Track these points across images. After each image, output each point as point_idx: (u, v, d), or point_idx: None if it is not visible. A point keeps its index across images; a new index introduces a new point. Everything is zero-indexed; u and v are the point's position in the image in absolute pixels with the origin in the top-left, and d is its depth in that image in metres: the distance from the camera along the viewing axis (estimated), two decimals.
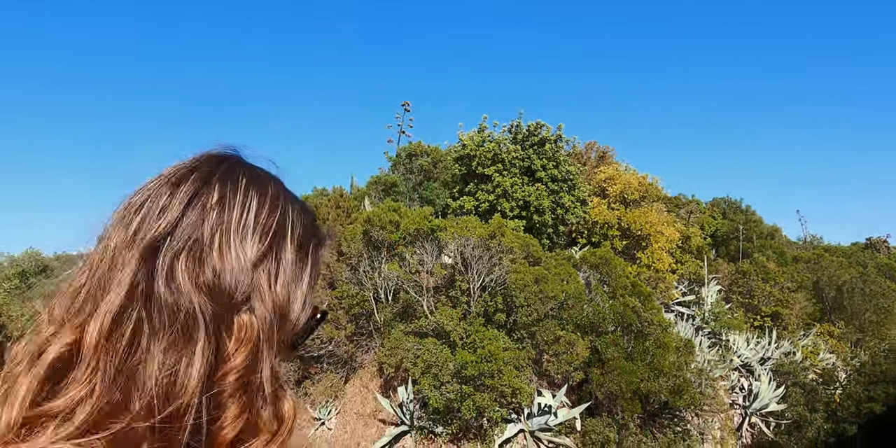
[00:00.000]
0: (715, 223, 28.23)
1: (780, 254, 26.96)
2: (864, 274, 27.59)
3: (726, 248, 27.58)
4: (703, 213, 27.74)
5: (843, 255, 29.79)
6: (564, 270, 14.85)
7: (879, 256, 34.24)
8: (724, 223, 28.53)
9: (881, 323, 25.81)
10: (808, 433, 18.02)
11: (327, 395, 15.37)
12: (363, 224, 15.53)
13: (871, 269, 29.57)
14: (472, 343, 12.75)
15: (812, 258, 27.42)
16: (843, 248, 33.83)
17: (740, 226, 27.29)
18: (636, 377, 13.32)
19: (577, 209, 21.01)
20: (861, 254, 32.81)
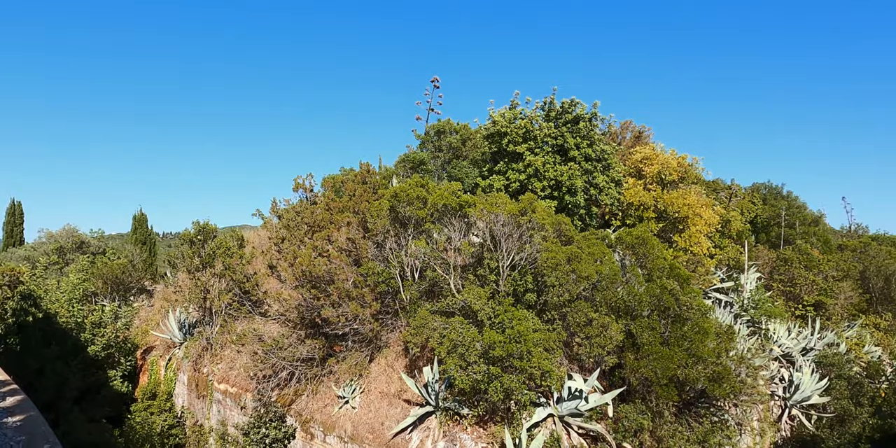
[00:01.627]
0: (755, 209, 26.93)
1: (824, 241, 25.59)
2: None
3: (766, 234, 26.30)
4: (742, 198, 26.44)
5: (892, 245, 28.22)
6: (598, 250, 14.05)
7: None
8: (765, 209, 27.22)
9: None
10: (852, 428, 17.00)
11: (352, 373, 14.98)
12: (390, 200, 14.94)
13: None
14: (500, 323, 12.11)
15: (859, 247, 25.99)
16: (892, 238, 32.08)
17: (782, 211, 25.95)
18: (673, 363, 12.53)
19: (611, 190, 20.10)
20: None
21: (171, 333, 20.56)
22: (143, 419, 17.36)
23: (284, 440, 15.20)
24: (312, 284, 15.08)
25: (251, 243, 21.15)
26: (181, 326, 20.53)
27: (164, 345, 21.36)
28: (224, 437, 16.77)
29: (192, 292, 20.11)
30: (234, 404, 17.25)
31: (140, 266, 26.81)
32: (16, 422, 7.09)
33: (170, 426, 17.80)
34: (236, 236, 21.48)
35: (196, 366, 19.21)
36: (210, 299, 19.15)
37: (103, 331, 20.84)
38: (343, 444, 13.96)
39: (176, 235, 58.29)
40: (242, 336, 16.29)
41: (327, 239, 15.79)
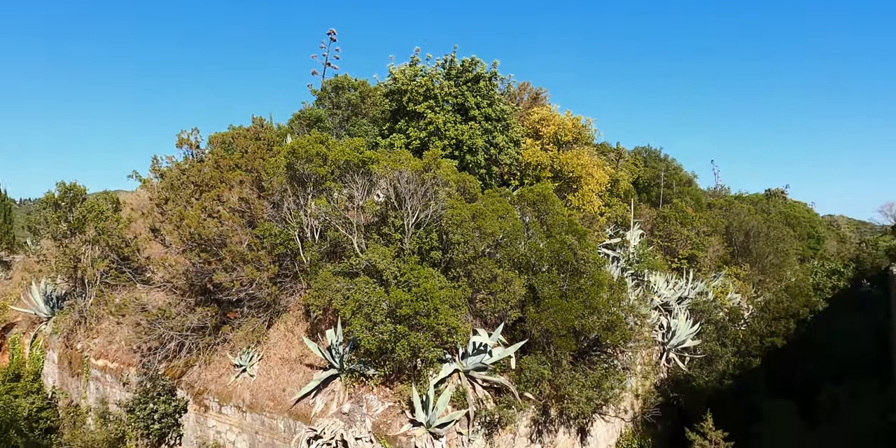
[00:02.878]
0: (637, 171, 28.48)
1: (696, 200, 27.72)
2: (769, 220, 29.00)
3: (647, 194, 27.98)
4: (627, 161, 27.83)
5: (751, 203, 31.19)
6: (502, 207, 14.05)
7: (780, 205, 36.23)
8: (646, 170, 28.88)
9: (780, 265, 27.35)
10: (718, 366, 18.79)
11: (249, 340, 14.11)
12: (287, 156, 13.92)
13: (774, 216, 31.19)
14: (406, 282, 11.79)
15: (724, 205, 28.45)
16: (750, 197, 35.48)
17: (661, 173, 27.66)
18: (571, 314, 12.94)
19: (510, 149, 20.20)
20: (766, 202, 34.55)
21: (36, 308, 18.30)
22: (6, 403, 15.42)
23: (175, 414, 14.18)
24: (202, 248, 13.86)
25: (129, 205, 19.11)
26: (48, 300, 18.32)
27: (27, 321, 19.02)
28: (105, 417, 15.33)
29: (59, 261, 17.90)
30: (115, 381, 15.78)
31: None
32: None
33: (39, 409, 15.99)
34: (110, 199, 19.32)
35: (68, 342, 17.30)
36: (82, 268, 17.16)
37: None
38: (241, 413, 13.22)
39: (37, 201, 51.87)
40: (123, 306, 14.76)
41: (217, 199, 14.51)
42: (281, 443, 12.49)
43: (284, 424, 12.47)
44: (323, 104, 22.51)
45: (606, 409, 13.84)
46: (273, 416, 12.65)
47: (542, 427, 13.10)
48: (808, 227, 36.48)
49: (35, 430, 15.09)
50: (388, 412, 11.52)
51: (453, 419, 11.20)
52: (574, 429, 14.07)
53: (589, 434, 14.63)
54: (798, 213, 36.02)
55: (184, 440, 14.41)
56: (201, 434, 13.98)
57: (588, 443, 14.59)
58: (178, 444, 14.49)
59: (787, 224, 31.95)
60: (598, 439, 15.13)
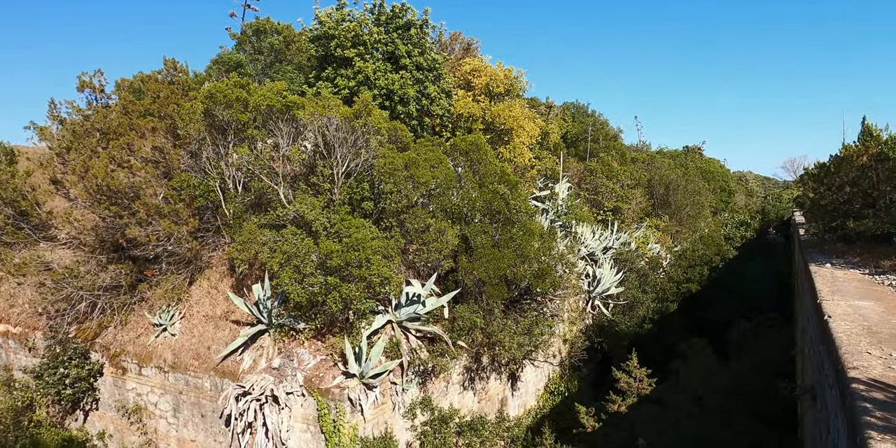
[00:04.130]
0: (566, 125, 28.65)
1: (621, 154, 28.31)
2: (687, 174, 30.17)
3: (576, 148, 28.31)
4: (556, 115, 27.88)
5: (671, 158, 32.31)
6: (435, 156, 13.64)
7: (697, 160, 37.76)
8: (574, 125, 29.11)
9: (696, 217, 28.68)
10: (639, 312, 19.65)
11: (169, 298, 13.27)
12: (204, 102, 12.79)
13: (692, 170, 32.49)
14: (336, 233, 11.28)
15: (647, 159, 29.26)
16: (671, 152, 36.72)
17: (589, 127, 27.95)
18: (503, 263, 12.93)
19: (442, 100, 19.63)
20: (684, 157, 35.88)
21: None
22: None
23: (90, 378, 13.28)
24: (112, 201, 12.69)
25: (25, 156, 17.26)
26: None
27: None
28: (10, 384, 14.17)
29: None
30: (19, 346, 14.55)
31: None
32: None
33: None
34: (3, 150, 17.36)
35: None
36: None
37: None
38: (163, 374, 12.53)
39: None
40: (23, 266, 13.43)
41: (127, 148, 13.24)
42: (207, 401, 11.98)
43: (211, 383, 11.92)
44: (243, 49, 20.89)
45: (536, 355, 14.15)
46: (198, 375, 12.06)
47: (475, 374, 13.25)
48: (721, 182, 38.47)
49: None
50: (320, 365, 11.21)
51: (387, 369, 11.04)
52: (505, 375, 14.35)
53: (519, 379, 15.00)
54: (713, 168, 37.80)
55: (101, 404, 13.58)
56: (120, 397, 13.21)
57: (518, 388, 14.97)
58: (95, 408, 13.65)
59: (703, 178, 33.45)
60: (527, 384, 15.57)
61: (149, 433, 12.91)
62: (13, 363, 14.70)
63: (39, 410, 14.01)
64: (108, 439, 12.52)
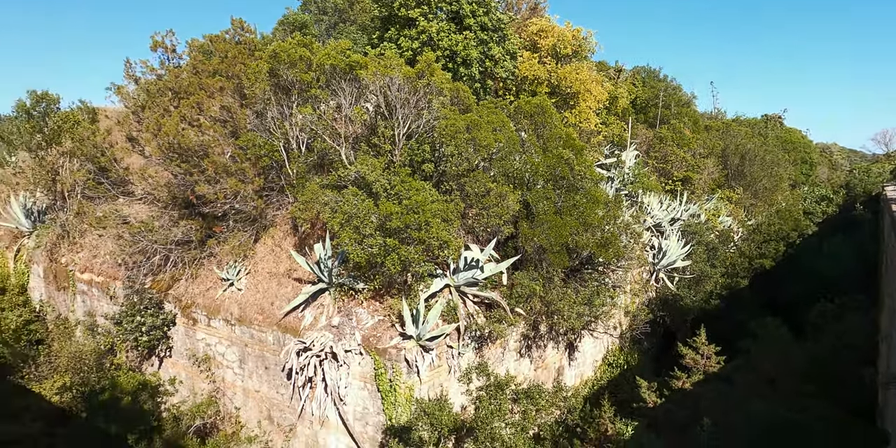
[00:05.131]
0: (635, 90, 27.13)
1: (694, 121, 26.66)
2: (765, 144, 28.17)
3: (645, 115, 26.85)
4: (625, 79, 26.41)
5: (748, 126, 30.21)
6: (497, 119, 13.12)
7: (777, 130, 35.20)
8: (644, 90, 27.54)
9: (773, 189, 26.86)
10: (706, 286, 18.69)
11: (236, 255, 13.57)
12: (269, 61, 12.71)
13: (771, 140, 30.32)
14: (396, 194, 11.08)
15: (722, 127, 27.45)
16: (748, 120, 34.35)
17: (660, 92, 26.37)
18: (565, 231, 12.42)
19: (506, 62, 18.88)
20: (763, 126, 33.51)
21: (17, 222, 17.58)
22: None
23: (163, 327, 13.90)
24: (182, 158, 12.95)
25: (104, 115, 17.90)
26: (28, 213, 17.57)
27: (9, 235, 18.35)
28: (93, 329, 15.07)
29: (36, 174, 17.00)
30: (101, 294, 15.40)
31: None
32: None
33: (26, 321, 15.68)
34: (86, 109, 18.06)
35: (52, 256, 16.75)
36: (61, 181, 16.28)
37: None
38: (230, 326, 12.94)
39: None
40: (103, 219, 14.06)
41: (197, 107, 13.41)
42: (270, 355, 12.30)
43: (274, 337, 12.21)
44: (308, 9, 20.67)
45: (595, 326, 13.71)
46: (262, 329, 12.37)
47: (532, 342, 12.98)
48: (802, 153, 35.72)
49: (21, 341, 14.84)
50: (377, 326, 11.22)
51: (444, 333, 10.93)
52: (563, 344, 14.02)
53: (577, 349, 14.63)
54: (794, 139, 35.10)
55: (174, 352, 14.25)
56: (191, 346, 13.79)
57: (576, 357, 14.62)
58: (168, 355, 14.35)
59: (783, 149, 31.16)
60: (585, 354, 15.18)
61: (217, 381, 13.47)
62: (96, 310, 15.61)
63: (120, 355, 14.87)
64: (179, 385, 13.13)
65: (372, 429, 10.97)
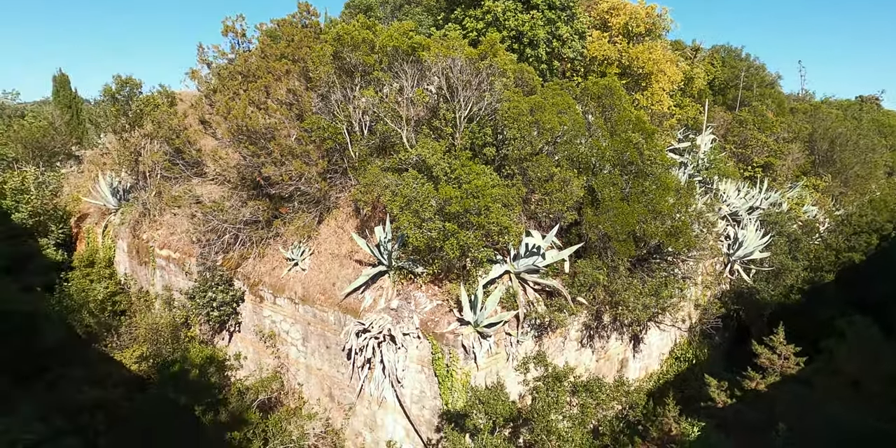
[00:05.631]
0: (714, 70, 25.42)
1: (778, 103, 24.72)
2: (859, 128, 25.81)
3: (723, 96, 25.15)
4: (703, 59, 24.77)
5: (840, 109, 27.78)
6: (563, 101, 12.53)
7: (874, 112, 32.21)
8: (724, 71, 25.75)
9: (866, 177, 24.63)
10: (786, 280, 17.39)
11: (300, 235, 13.79)
12: (333, 44, 12.65)
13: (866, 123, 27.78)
14: (456, 178, 10.81)
15: (809, 110, 25.34)
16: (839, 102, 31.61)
17: (741, 73, 24.58)
18: (632, 218, 11.78)
19: (574, 42, 18.05)
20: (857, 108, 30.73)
21: (105, 200, 18.64)
22: (83, 287, 16.08)
23: (233, 303, 14.37)
24: (251, 141, 13.20)
25: (181, 100, 18.56)
26: (114, 192, 18.57)
27: (98, 212, 19.50)
28: (170, 303, 15.82)
29: (121, 155, 17.92)
30: (178, 270, 16.10)
31: (63, 129, 23.77)
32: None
33: (112, 293, 16.65)
34: (165, 94, 18.79)
35: (135, 232, 17.66)
36: (142, 162, 17.08)
37: (27, 197, 18.71)
38: (294, 305, 13.20)
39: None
40: (178, 198, 14.62)
41: (264, 90, 13.59)
42: (331, 334, 12.46)
43: (335, 317, 12.35)
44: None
45: (662, 318, 13.03)
46: (324, 308, 12.53)
47: (594, 332, 12.49)
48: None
49: (106, 311, 15.78)
50: (436, 310, 11.09)
51: (502, 320, 10.66)
52: (627, 335, 13.42)
53: (642, 341, 13.99)
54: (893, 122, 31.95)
55: (242, 327, 14.74)
56: (258, 323, 14.20)
57: (640, 350, 13.99)
58: (238, 330, 14.86)
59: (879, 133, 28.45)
60: (651, 347, 14.50)
61: (281, 357, 13.83)
62: (173, 284, 16.36)
63: (194, 328, 15.56)
64: (244, 360, 13.54)
65: (428, 412, 10.92)
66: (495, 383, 10.44)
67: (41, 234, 18.54)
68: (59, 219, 19.27)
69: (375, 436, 11.95)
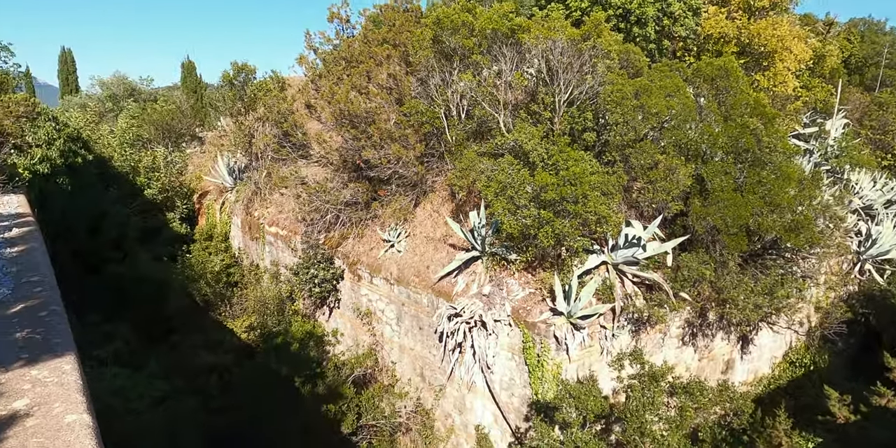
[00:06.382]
0: (850, 47, 22.59)
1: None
2: None
3: (860, 76, 22.31)
4: (838, 34, 22.07)
5: None
6: (671, 84, 11.58)
7: None
8: (862, 47, 22.81)
9: None
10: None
11: (397, 218, 13.97)
12: (432, 27, 12.49)
13: None
14: (554, 165, 10.35)
15: None
16: None
17: (884, 49, 21.63)
18: (746, 211, 10.74)
19: (687, 19, 16.67)
20: None
21: (222, 178, 19.95)
22: (202, 258, 17.39)
23: (333, 280, 14.89)
24: (352, 124, 13.46)
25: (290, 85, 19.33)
26: (231, 171, 19.82)
27: (217, 189, 20.94)
28: (276, 277, 16.70)
29: (236, 137, 19.03)
30: (284, 246, 16.94)
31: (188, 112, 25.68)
32: (13, 253, 6.29)
33: (227, 265, 17.88)
34: (276, 79, 19.65)
35: (248, 209, 18.78)
36: (255, 144, 18.05)
37: (157, 175, 20.42)
38: (389, 285, 13.44)
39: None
40: (285, 179, 15.29)
41: (366, 75, 13.77)
42: (424, 316, 12.57)
43: (428, 300, 12.42)
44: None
45: (776, 319, 11.89)
46: (417, 290, 12.64)
47: (697, 330, 11.64)
48: None
49: (221, 283, 16.96)
50: (528, 298, 10.81)
51: (597, 312, 10.17)
52: (735, 336, 12.40)
53: (752, 342, 12.87)
54: None
55: (342, 304, 15.27)
56: (355, 300, 14.64)
57: (749, 351, 12.88)
58: (337, 307, 15.42)
59: None
60: (761, 349, 13.31)
61: (376, 335, 14.20)
62: (280, 260, 17.26)
63: (297, 302, 16.36)
64: (340, 337, 14.01)
65: (518, 400, 10.74)
66: (587, 377, 10.04)
67: (168, 209, 20.22)
68: (184, 195, 20.90)
69: (464, 419, 11.98)
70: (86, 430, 3.25)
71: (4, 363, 4.00)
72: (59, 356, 4.11)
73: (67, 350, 4.20)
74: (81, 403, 3.52)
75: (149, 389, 11.27)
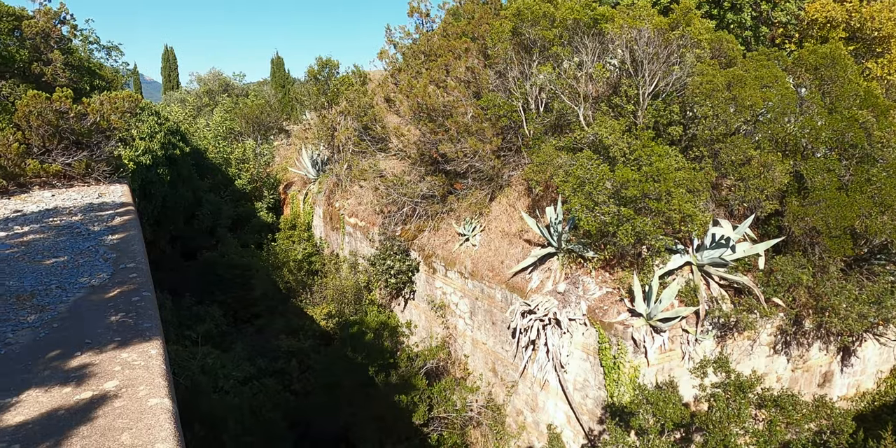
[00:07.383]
0: None
1: None
2: None
3: None
4: None
5: None
6: (768, 74, 10.67)
7: None
8: None
9: None
10: None
11: (472, 211, 13.87)
12: (511, 19, 12.19)
13: None
14: (636, 160, 9.83)
15: None
16: None
17: None
18: (852, 212, 9.75)
19: (789, 3, 15.34)
20: None
21: (306, 170, 20.62)
22: (286, 247, 18.09)
23: (408, 272, 15.03)
24: (430, 118, 13.45)
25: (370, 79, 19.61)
26: (314, 163, 20.45)
27: (301, 180, 21.69)
28: (355, 267, 17.09)
29: (320, 130, 19.57)
30: (363, 237, 17.28)
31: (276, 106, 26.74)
32: (114, 240, 6.73)
33: (308, 254, 18.51)
34: (358, 74, 19.99)
35: (329, 200, 19.32)
36: (337, 137, 18.50)
37: (247, 166, 21.41)
38: (464, 279, 13.38)
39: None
40: (364, 172, 15.55)
41: (444, 68, 13.68)
42: (497, 311, 12.42)
43: (501, 295, 12.26)
44: None
45: (884, 331, 10.78)
46: (491, 285, 12.51)
47: (791, 338, 10.75)
48: None
49: (302, 271, 17.58)
50: (605, 298, 10.40)
51: (679, 315, 9.62)
52: (834, 346, 11.36)
53: (854, 354, 11.75)
54: None
55: (416, 296, 15.41)
56: (430, 293, 14.72)
57: (851, 364, 11.76)
58: (412, 298, 15.59)
59: None
60: (865, 361, 12.13)
61: (449, 328, 14.22)
62: (358, 250, 17.66)
63: (374, 292, 16.69)
64: (414, 328, 14.13)
65: (591, 402, 10.40)
66: (666, 383, 9.54)
67: (256, 199, 21.17)
68: (270, 185, 21.81)
69: (536, 417, 11.78)
70: (166, 415, 3.36)
71: (99, 344, 4.22)
72: (147, 340, 4.30)
73: (155, 334, 4.40)
74: (164, 387, 3.66)
75: (235, 370, 11.90)
